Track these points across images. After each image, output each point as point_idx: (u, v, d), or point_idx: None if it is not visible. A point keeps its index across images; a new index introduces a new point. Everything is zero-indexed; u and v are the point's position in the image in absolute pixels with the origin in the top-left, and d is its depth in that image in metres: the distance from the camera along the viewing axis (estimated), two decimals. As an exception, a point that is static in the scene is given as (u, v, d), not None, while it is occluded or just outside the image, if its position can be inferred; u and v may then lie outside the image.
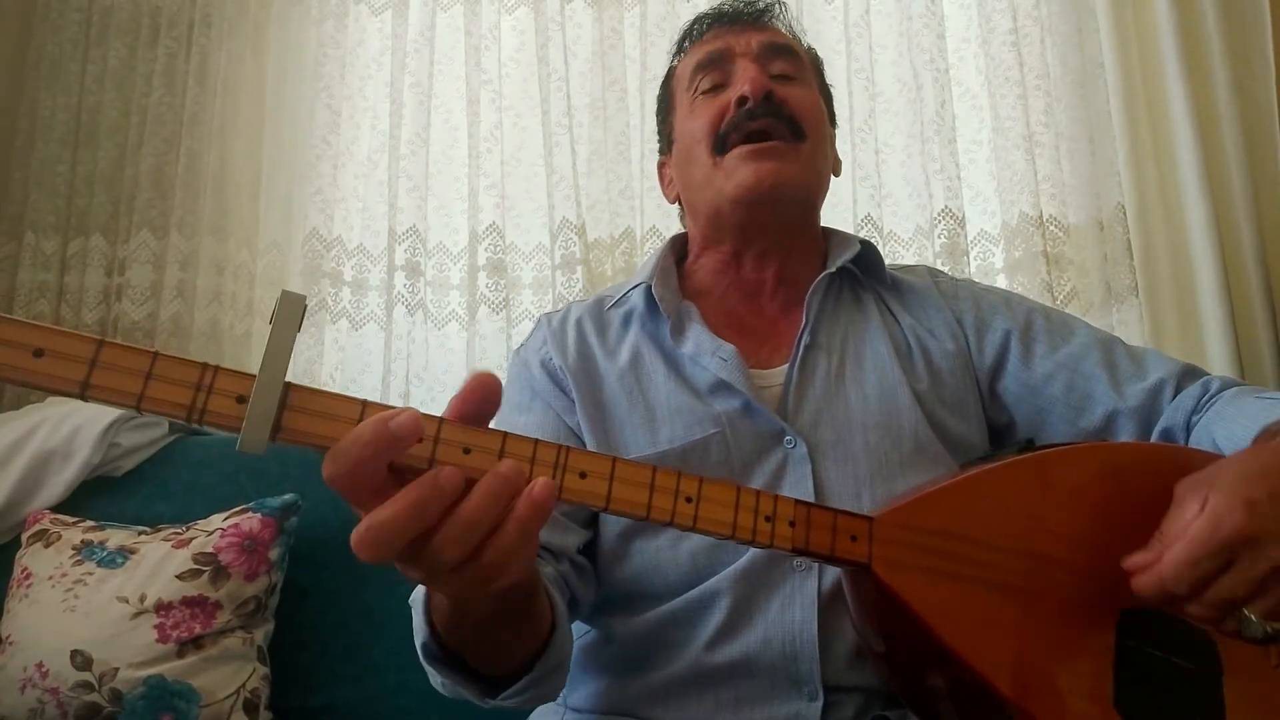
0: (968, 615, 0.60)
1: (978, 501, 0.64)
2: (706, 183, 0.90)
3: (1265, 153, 1.63)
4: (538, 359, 0.91)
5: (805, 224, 0.96)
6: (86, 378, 0.45)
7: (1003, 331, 0.91)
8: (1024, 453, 0.68)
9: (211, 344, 1.80)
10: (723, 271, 0.94)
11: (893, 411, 0.83)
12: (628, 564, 0.82)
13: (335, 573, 1.38)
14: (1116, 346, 0.89)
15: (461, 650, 0.65)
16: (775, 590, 0.76)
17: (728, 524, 0.55)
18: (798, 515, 0.57)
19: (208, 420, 0.46)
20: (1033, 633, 0.61)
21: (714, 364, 0.84)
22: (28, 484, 1.43)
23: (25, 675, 1.20)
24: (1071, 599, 0.62)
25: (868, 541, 0.59)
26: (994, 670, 0.59)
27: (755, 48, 0.92)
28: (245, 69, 1.90)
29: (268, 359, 0.47)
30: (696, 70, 0.94)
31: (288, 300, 0.48)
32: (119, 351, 0.46)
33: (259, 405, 0.46)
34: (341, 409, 0.49)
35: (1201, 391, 0.82)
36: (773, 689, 0.75)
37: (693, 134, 0.92)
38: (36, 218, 1.82)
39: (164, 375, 0.46)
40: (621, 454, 0.82)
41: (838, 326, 0.90)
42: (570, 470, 0.52)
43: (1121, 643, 0.62)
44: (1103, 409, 0.85)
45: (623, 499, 0.53)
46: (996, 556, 0.62)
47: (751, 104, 0.87)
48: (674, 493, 0.54)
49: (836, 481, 0.80)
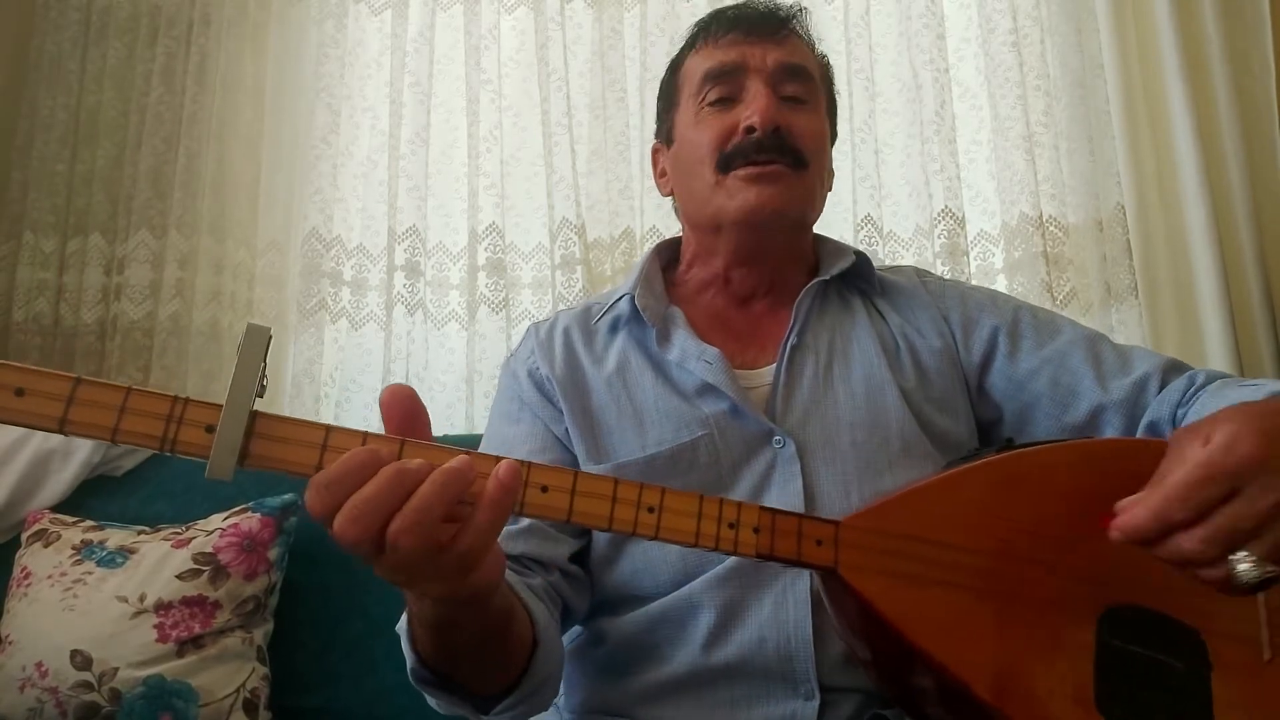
0: (939, 618, 0.60)
1: (949, 503, 0.64)
2: (707, 199, 0.91)
3: (1265, 153, 1.64)
4: (525, 370, 0.92)
5: (799, 243, 0.97)
6: (64, 414, 0.48)
7: (990, 328, 0.91)
8: (1003, 452, 0.68)
9: (211, 343, 1.80)
10: (711, 282, 0.96)
11: (880, 410, 0.84)
12: (620, 566, 0.82)
13: (335, 572, 1.38)
14: (1102, 343, 0.89)
15: (450, 674, 0.66)
16: (767, 589, 0.77)
17: (690, 533, 0.57)
18: (762, 522, 0.58)
19: (178, 450, 0.49)
20: (1009, 634, 0.60)
21: (699, 368, 0.85)
22: (28, 484, 1.43)
23: (25, 675, 1.20)
24: (1050, 598, 0.62)
25: (833, 546, 0.60)
26: (969, 672, 0.59)
27: (770, 66, 0.91)
28: (245, 69, 1.90)
29: (233, 389, 0.50)
30: (706, 79, 0.93)
31: (253, 333, 0.51)
32: (95, 388, 0.49)
33: (226, 434, 0.49)
34: (305, 435, 0.52)
35: (1187, 384, 0.82)
36: (769, 689, 0.75)
37: (696, 146, 0.92)
38: (35, 217, 1.82)
39: (137, 409, 0.49)
40: (611, 458, 0.84)
41: (824, 327, 0.91)
42: (531, 485, 0.54)
43: (1106, 642, 0.61)
44: (1088, 403, 0.85)
45: (584, 511, 0.55)
46: (968, 558, 0.61)
47: (759, 135, 0.87)
48: (635, 504, 0.56)
49: (826, 481, 0.80)
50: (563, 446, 0.87)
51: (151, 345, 1.77)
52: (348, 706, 1.32)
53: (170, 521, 1.37)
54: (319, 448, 0.51)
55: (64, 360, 1.78)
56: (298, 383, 1.79)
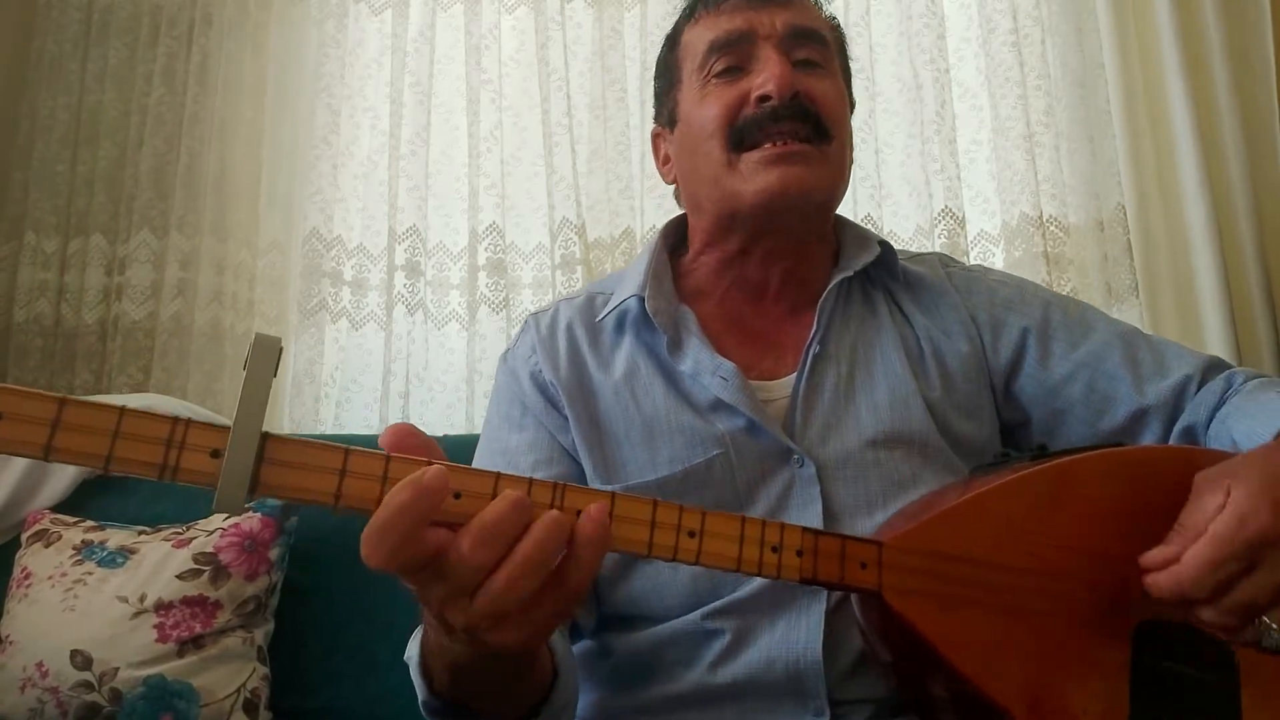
0: (979, 640, 0.59)
1: (987, 521, 0.62)
2: (717, 181, 0.83)
3: (1265, 153, 1.64)
4: (527, 370, 0.87)
5: (823, 224, 0.89)
6: (49, 440, 0.42)
7: (1019, 330, 0.86)
8: (1036, 460, 0.66)
9: (212, 344, 1.80)
10: (724, 271, 0.88)
11: (905, 421, 0.79)
12: (628, 586, 0.79)
13: (335, 573, 1.38)
14: (1138, 341, 0.85)
15: (466, 704, 0.63)
16: (781, 615, 0.73)
17: (733, 558, 0.53)
18: (805, 544, 0.56)
19: (180, 479, 0.44)
20: (1046, 654, 0.59)
21: (714, 384, 0.79)
22: (28, 484, 1.43)
23: (25, 675, 1.20)
24: (1086, 615, 0.61)
25: (877, 569, 0.58)
26: (1006, 695, 0.58)
27: (780, 30, 0.83)
28: (245, 69, 1.90)
29: (242, 409, 0.44)
30: (711, 50, 0.84)
31: (261, 344, 0.45)
32: (83, 410, 0.43)
33: (234, 461, 0.44)
34: (323, 460, 0.46)
35: (1225, 386, 0.79)
36: (777, 706, 0.73)
37: (703, 124, 0.84)
38: (37, 217, 1.82)
39: (132, 433, 0.44)
40: (621, 477, 0.79)
41: (848, 332, 0.85)
42: (567, 510, 0.49)
43: (1140, 659, 0.61)
44: (1126, 409, 0.82)
45: (623, 537, 0.51)
46: (1007, 578, 0.60)
47: (776, 103, 0.79)
48: (676, 528, 0.52)
49: (847, 500, 0.76)
50: (569, 458, 0.82)
51: (153, 346, 1.77)
52: (349, 707, 1.32)
53: (171, 521, 1.37)
54: (337, 473, 0.46)
55: (65, 361, 1.79)
56: (298, 383, 1.79)
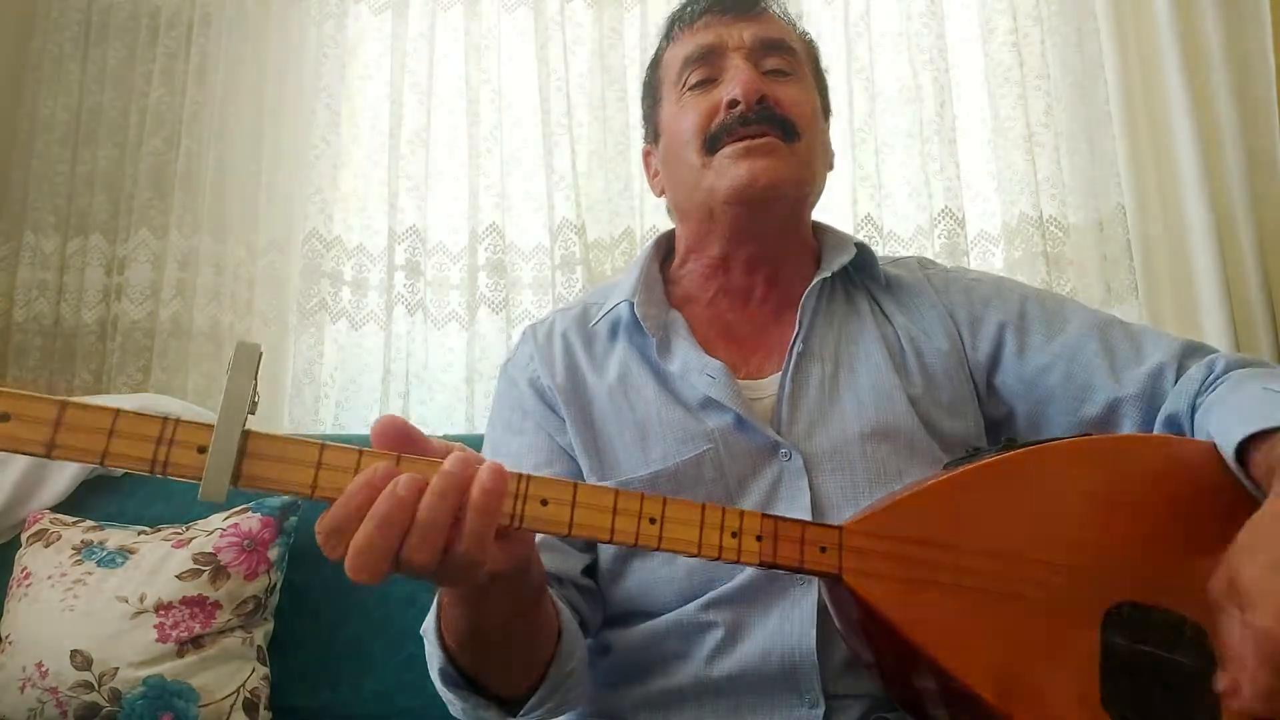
0: (943, 621, 0.59)
1: (951, 505, 0.64)
2: (695, 183, 0.87)
3: (1265, 152, 1.64)
4: (525, 377, 0.90)
5: (798, 223, 0.93)
6: (51, 439, 0.48)
7: (996, 324, 0.88)
8: (1004, 452, 0.67)
9: (211, 343, 1.80)
10: (710, 277, 0.92)
11: (888, 417, 0.81)
12: (625, 582, 0.81)
13: (335, 572, 1.35)
14: (1113, 330, 0.86)
15: (476, 673, 0.66)
16: (774, 606, 0.75)
17: (693, 542, 0.56)
18: (764, 529, 0.58)
19: (170, 472, 0.49)
20: (1013, 635, 0.60)
21: (702, 381, 0.83)
22: (28, 484, 1.43)
23: (25, 675, 1.20)
24: (1053, 598, 0.62)
25: (838, 552, 0.59)
26: (974, 675, 0.58)
27: (748, 41, 0.88)
28: (245, 69, 1.90)
29: (224, 409, 0.49)
30: (685, 64, 0.90)
31: (242, 351, 0.50)
32: (82, 411, 0.48)
33: (218, 455, 0.49)
34: (299, 453, 0.51)
35: (1206, 372, 0.78)
36: (772, 699, 0.74)
37: (680, 132, 0.89)
38: (36, 217, 1.83)
39: (126, 431, 0.49)
40: (615, 474, 0.82)
41: (830, 331, 0.88)
42: (531, 498, 0.53)
43: (1111, 640, 0.61)
44: (1103, 398, 0.82)
45: (585, 524, 0.54)
46: (971, 560, 0.61)
47: (744, 108, 0.84)
48: (637, 515, 0.55)
49: (834, 492, 0.78)
50: (569, 458, 0.85)
51: (152, 345, 1.77)
52: (348, 707, 1.32)
53: (170, 521, 1.37)
54: (313, 466, 0.51)
55: (64, 360, 1.79)
56: (298, 383, 1.79)
